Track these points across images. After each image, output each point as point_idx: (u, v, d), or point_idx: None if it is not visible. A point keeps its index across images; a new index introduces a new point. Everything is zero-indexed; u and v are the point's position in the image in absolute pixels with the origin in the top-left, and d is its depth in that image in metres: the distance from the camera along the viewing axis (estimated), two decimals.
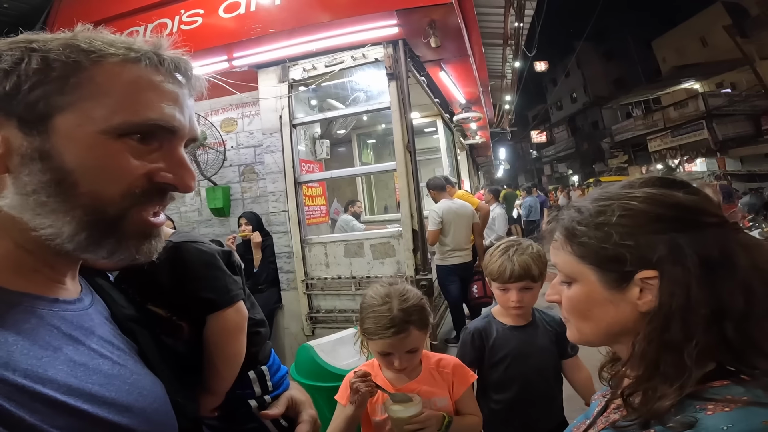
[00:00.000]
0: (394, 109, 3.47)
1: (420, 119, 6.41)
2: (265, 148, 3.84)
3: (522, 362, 1.50)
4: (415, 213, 3.41)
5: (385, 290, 1.22)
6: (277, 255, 3.83)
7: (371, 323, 1.18)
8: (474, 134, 9.65)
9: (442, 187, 4.36)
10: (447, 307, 4.67)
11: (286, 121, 3.71)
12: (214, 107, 4.18)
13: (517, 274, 1.42)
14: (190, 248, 0.92)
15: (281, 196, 3.79)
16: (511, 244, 1.51)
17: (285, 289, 3.83)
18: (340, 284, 3.59)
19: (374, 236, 3.58)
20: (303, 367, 2.40)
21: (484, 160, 14.47)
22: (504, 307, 1.51)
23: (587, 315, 0.66)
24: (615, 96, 25.16)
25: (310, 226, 3.96)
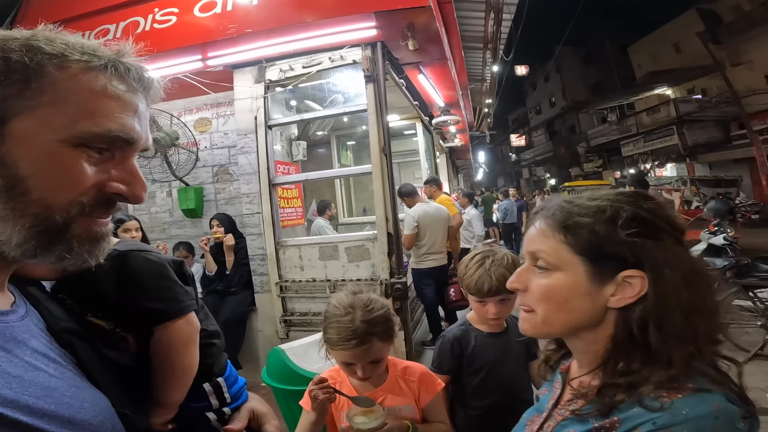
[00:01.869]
0: (370, 111, 3.48)
1: (399, 121, 6.43)
2: (239, 149, 3.80)
3: (500, 370, 1.52)
4: (390, 216, 3.42)
5: (348, 300, 1.21)
6: (251, 257, 3.79)
7: (333, 333, 1.17)
8: (453, 137, 9.73)
9: (414, 193, 4.40)
10: (423, 310, 4.70)
11: (261, 121, 3.68)
12: (187, 107, 4.11)
13: (496, 289, 1.40)
14: (137, 257, 0.89)
15: (255, 197, 3.75)
16: (486, 254, 1.49)
17: (258, 292, 3.79)
18: (314, 287, 3.57)
19: (349, 239, 3.57)
20: (274, 371, 2.37)
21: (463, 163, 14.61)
22: (481, 318, 1.52)
23: (563, 305, 0.67)
24: (592, 101, 25.75)
25: (285, 229, 3.93)
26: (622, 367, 0.63)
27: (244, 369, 3.49)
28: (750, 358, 3.56)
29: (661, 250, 0.63)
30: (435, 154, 8.21)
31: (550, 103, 32.82)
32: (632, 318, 0.62)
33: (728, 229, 5.16)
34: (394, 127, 6.49)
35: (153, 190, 4.24)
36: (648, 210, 0.66)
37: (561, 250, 0.68)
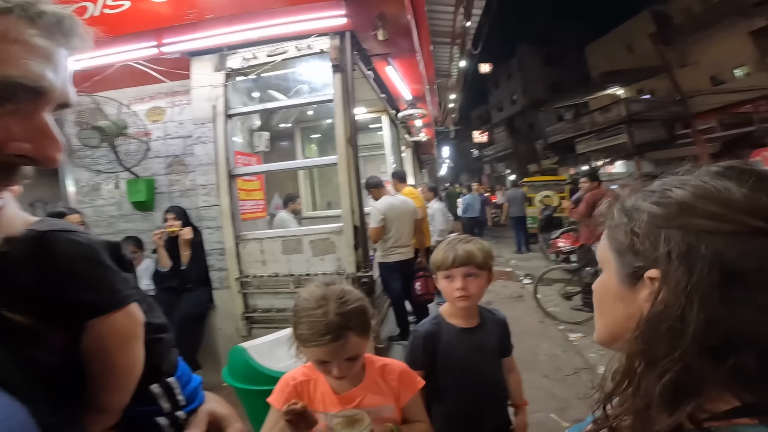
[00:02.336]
0: (337, 101, 3.38)
1: (365, 114, 6.34)
2: (195, 139, 3.61)
3: (474, 366, 1.49)
4: (356, 208, 3.34)
5: (320, 291, 1.11)
6: (208, 252, 3.60)
7: (305, 329, 1.08)
8: (419, 131, 9.76)
9: (380, 185, 4.35)
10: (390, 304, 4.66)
11: (220, 110, 3.52)
12: (139, 95, 3.87)
13: (460, 259, 1.42)
14: (61, 239, 0.73)
15: (213, 189, 3.58)
16: (456, 237, 1.52)
17: (217, 288, 3.60)
18: (277, 282, 3.43)
19: (314, 232, 3.46)
20: (236, 371, 2.26)
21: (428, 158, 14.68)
22: (450, 298, 1.48)
23: (600, 308, 0.62)
24: (550, 99, 26.48)
25: (246, 222, 3.77)
26: (625, 395, 0.51)
27: (205, 369, 3.33)
28: None
29: (678, 240, 0.49)
30: (401, 148, 8.20)
31: (511, 101, 33.67)
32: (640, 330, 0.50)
33: None
34: (360, 120, 6.40)
35: (98, 182, 3.95)
36: (691, 189, 0.52)
37: (603, 245, 0.61)
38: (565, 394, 3.04)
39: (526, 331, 4.45)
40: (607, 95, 21.92)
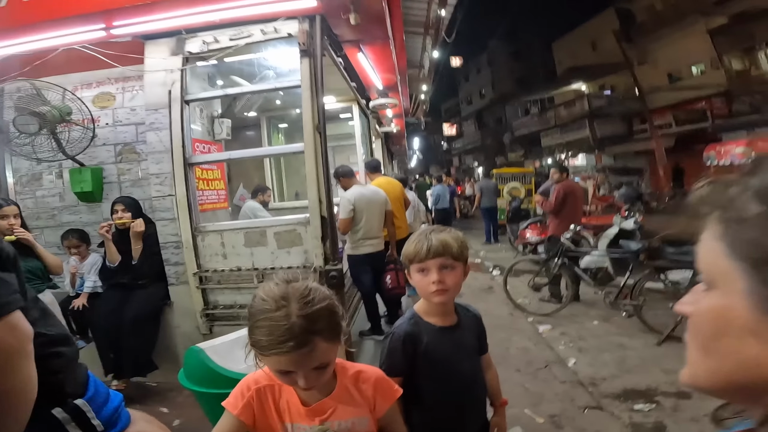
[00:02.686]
0: (305, 87, 3.17)
1: (335, 104, 6.12)
2: (148, 126, 3.33)
3: (457, 366, 1.37)
4: (323, 198, 3.13)
5: (280, 290, 0.93)
6: (163, 245, 3.31)
7: (263, 334, 0.90)
8: (390, 122, 9.60)
9: (350, 174, 4.16)
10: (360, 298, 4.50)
11: (176, 96, 3.26)
12: (86, 81, 3.60)
13: (435, 249, 1.29)
14: None
15: (167, 178, 3.29)
16: (429, 228, 1.39)
17: (173, 284, 3.33)
18: (239, 277, 3.19)
19: (279, 223, 3.23)
20: (193, 373, 2.12)
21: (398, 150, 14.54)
22: (425, 293, 1.33)
23: (707, 344, 0.42)
24: (518, 94, 26.96)
25: (205, 213, 3.50)
26: None
27: (163, 370, 3.10)
28: (663, 340, 3.74)
29: None
30: (371, 138, 7.99)
31: (480, 95, 34.12)
32: None
33: (637, 214, 5.51)
34: (330, 109, 6.20)
35: (39, 171, 3.60)
36: None
37: (714, 252, 0.41)
38: (538, 389, 2.98)
39: (497, 324, 4.40)
40: (571, 90, 22.45)
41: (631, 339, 3.91)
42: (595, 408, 2.73)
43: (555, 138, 22.37)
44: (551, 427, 2.54)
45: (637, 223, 5.23)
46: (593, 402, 2.81)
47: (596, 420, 2.60)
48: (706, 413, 2.61)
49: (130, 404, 3.02)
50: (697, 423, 2.55)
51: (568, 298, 4.70)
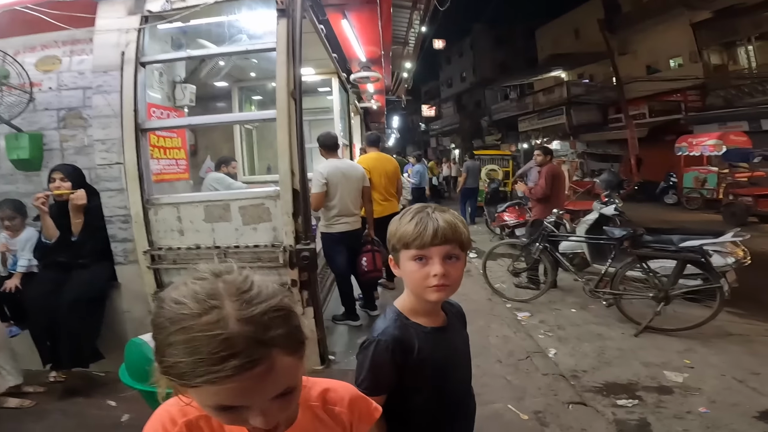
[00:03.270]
0: (280, 50, 2.78)
1: (314, 76, 5.72)
2: (96, 89, 2.92)
3: (451, 375, 1.11)
4: (296, 170, 2.78)
5: (205, 286, 0.59)
6: (109, 219, 2.90)
7: (184, 354, 0.54)
8: (370, 98, 9.20)
9: (334, 147, 3.77)
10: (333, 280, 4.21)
11: (131, 57, 2.88)
12: (29, 44, 3.25)
13: (443, 233, 0.98)
14: None
15: (115, 144, 2.88)
16: (424, 205, 1.06)
17: (121, 263, 2.93)
18: (198, 255, 2.82)
19: (244, 197, 2.86)
20: (135, 368, 1.89)
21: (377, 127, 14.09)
22: (419, 287, 1.02)
23: None
24: (498, 78, 26.81)
25: (161, 184, 3.10)
26: None
27: (109, 360, 2.75)
28: (641, 330, 3.63)
29: None
30: (350, 114, 7.58)
31: (461, 78, 34.12)
32: None
33: (617, 200, 5.39)
34: (308, 82, 5.84)
35: None
36: None
37: None
38: (520, 382, 2.79)
39: (476, 309, 4.20)
40: (551, 77, 22.47)
41: (609, 329, 3.78)
42: (578, 403, 2.55)
43: (532, 123, 22.43)
44: (536, 424, 2.35)
45: (618, 210, 5.10)
46: (576, 397, 2.63)
47: (581, 416, 2.42)
48: (689, 410, 2.51)
49: (74, 397, 2.61)
50: (680, 420, 2.42)
51: (548, 284, 4.54)
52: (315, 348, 2.98)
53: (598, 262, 4.88)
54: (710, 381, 2.82)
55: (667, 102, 15.89)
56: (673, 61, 16.74)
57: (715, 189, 10.59)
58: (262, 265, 2.80)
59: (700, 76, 14.90)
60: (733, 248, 4.08)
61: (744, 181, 9.70)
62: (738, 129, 11.83)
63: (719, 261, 3.77)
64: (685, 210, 11.52)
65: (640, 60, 17.67)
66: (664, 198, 12.91)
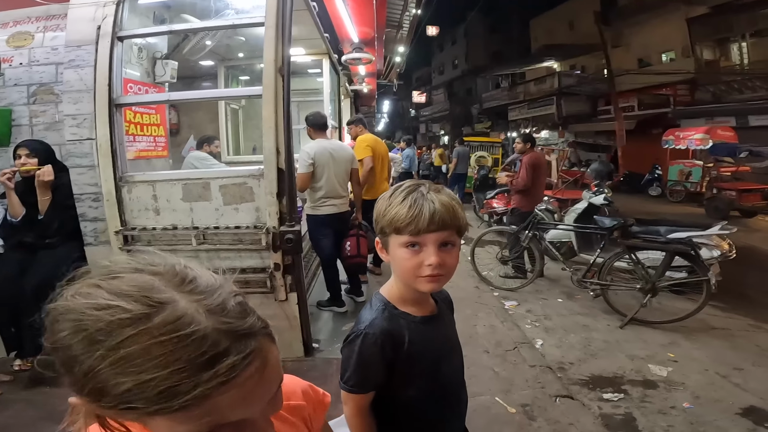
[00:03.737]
0: (269, 25, 2.59)
1: (304, 57, 5.46)
2: (67, 63, 2.71)
3: (443, 368, 1.00)
4: (282, 149, 2.60)
5: (135, 283, 0.43)
6: (78, 197, 2.70)
7: (152, 370, 0.39)
8: (361, 81, 8.96)
9: (323, 126, 3.59)
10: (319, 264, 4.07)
11: (107, 31, 2.67)
12: (1, 21, 3.11)
13: (440, 218, 0.87)
14: None
15: (86, 120, 2.68)
16: (418, 183, 0.94)
17: (91, 244, 2.74)
18: (175, 237, 2.65)
19: (226, 175, 2.68)
20: None
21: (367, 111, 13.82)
22: (410, 276, 0.91)
23: None
24: (490, 67, 26.61)
25: (137, 161, 2.91)
26: None
27: None
28: (626, 322, 3.58)
29: None
30: (340, 97, 7.35)
31: (453, 66, 33.83)
32: None
33: (607, 190, 5.34)
34: (299, 62, 5.60)
35: None
36: None
37: None
38: (508, 374, 2.71)
39: (464, 297, 4.11)
40: (543, 67, 22.33)
41: (595, 320, 3.73)
42: (565, 397, 2.49)
43: (522, 112, 22.35)
44: (524, 418, 2.28)
45: (607, 200, 5.04)
46: (563, 390, 2.57)
47: (568, 410, 2.36)
48: (674, 405, 2.47)
49: (39, 386, 2.42)
50: (665, 416, 2.38)
51: (536, 273, 4.47)
52: (298, 336, 2.86)
53: (585, 251, 4.83)
54: (694, 376, 2.78)
55: (657, 95, 15.90)
56: (665, 56, 16.70)
57: (698, 182, 10.67)
58: (243, 248, 2.64)
59: (691, 71, 14.89)
60: (719, 241, 4.06)
61: (728, 175, 9.78)
62: (725, 124, 11.89)
63: (705, 254, 3.73)
64: (668, 202, 11.61)
65: (632, 53, 17.61)
66: (648, 190, 13.01)
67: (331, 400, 0.80)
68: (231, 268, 2.69)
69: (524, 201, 4.85)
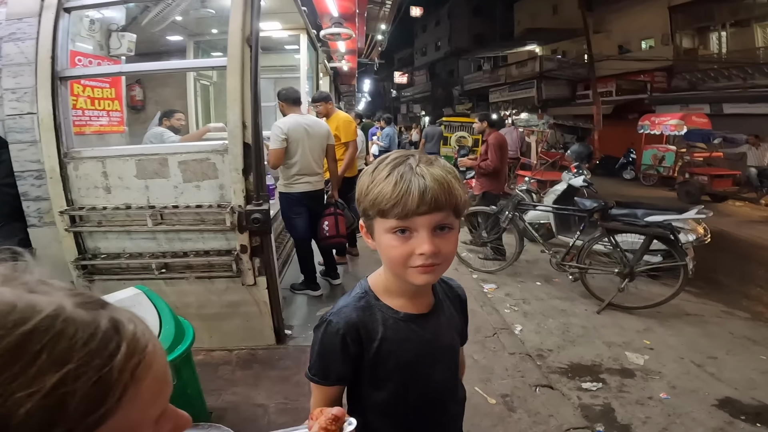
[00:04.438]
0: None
1: (281, 31, 5.14)
2: (8, 37, 2.41)
3: (423, 373, 0.85)
4: (249, 122, 2.36)
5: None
6: (20, 175, 2.40)
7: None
8: (341, 58, 8.60)
9: (296, 101, 3.33)
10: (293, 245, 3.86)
11: (51, 2, 2.38)
12: None
13: (434, 197, 0.70)
14: None
15: (27, 94, 2.38)
16: (406, 153, 0.76)
17: (35, 225, 2.45)
18: (129, 217, 2.39)
19: (185, 150, 2.41)
20: None
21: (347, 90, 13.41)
22: (399, 266, 0.75)
23: None
24: (473, 49, 26.42)
25: (88, 137, 2.64)
26: None
27: None
28: (603, 307, 3.51)
29: None
30: (318, 74, 7.00)
31: (435, 47, 33.37)
32: None
33: (586, 172, 5.26)
34: (275, 38, 5.33)
35: None
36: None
37: None
38: (488, 362, 2.60)
39: None
40: (525, 51, 22.23)
41: (572, 304, 3.66)
42: (545, 386, 2.39)
43: (503, 95, 22.29)
44: (504, 409, 2.17)
45: (586, 181, 4.97)
46: (543, 379, 2.47)
47: (548, 401, 2.26)
48: (651, 396, 2.40)
49: None
50: (642, 407, 2.31)
51: (515, 255, 4.35)
52: (269, 322, 2.67)
53: (563, 233, 4.76)
54: (670, 364, 2.73)
55: (635, 81, 15.99)
56: (645, 43, 16.77)
57: (671, 167, 10.80)
58: (206, 228, 2.41)
59: (669, 58, 14.98)
60: (695, 225, 4.03)
61: (700, 160, 9.92)
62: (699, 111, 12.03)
63: (681, 238, 3.68)
64: (641, 186, 11.76)
65: (612, 39, 17.61)
66: (622, 173, 13.17)
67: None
68: (193, 250, 2.46)
69: (494, 183, 4.70)
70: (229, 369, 2.47)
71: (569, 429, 2.03)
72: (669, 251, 3.56)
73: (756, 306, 3.71)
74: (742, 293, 4.03)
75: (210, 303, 2.55)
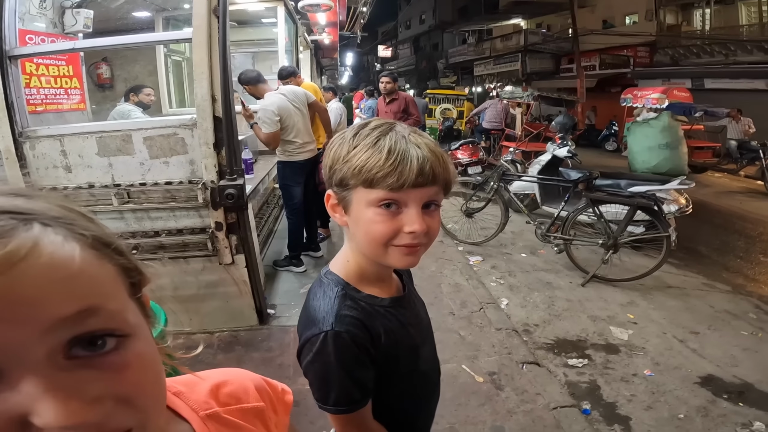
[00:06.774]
0: None
1: (257, 4, 4.81)
2: None
3: (421, 353, 0.79)
4: (218, 95, 2.16)
5: None
6: None
7: None
8: (321, 31, 8.17)
9: (260, 80, 3.17)
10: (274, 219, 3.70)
11: None
12: None
13: (432, 168, 0.62)
14: None
15: None
16: (389, 122, 0.66)
17: None
18: (93, 196, 2.21)
19: (151, 126, 2.21)
20: None
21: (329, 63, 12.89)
22: (378, 245, 0.65)
23: None
24: (458, 22, 25.72)
25: (45, 114, 2.41)
26: None
27: None
28: (588, 280, 3.46)
29: None
30: (298, 48, 6.63)
31: (420, 20, 32.42)
32: None
33: (570, 143, 5.17)
34: (251, 11, 5.03)
35: None
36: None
37: None
38: (474, 338, 2.53)
39: (428, 253, 3.82)
40: (510, 25, 21.77)
41: (557, 276, 3.62)
42: (532, 363, 2.33)
43: (487, 68, 21.94)
44: (491, 387, 2.11)
45: (571, 152, 4.88)
46: (530, 356, 2.41)
47: (534, 379, 2.20)
48: (635, 372, 2.38)
49: None
50: (627, 384, 2.28)
51: (500, 226, 4.24)
52: (250, 302, 2.55)
53: (548, 204, 4.68)
54: (653, 339, 2.70)
55: (618, 56, 15.85)
56: (629, 18, 16.55)
57: None
58: (177, 206, 2.25)
59: (652, 34, 14.81)
60: (677, 196, 3.98)
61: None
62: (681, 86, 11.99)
63: (664, 209, 3.63)
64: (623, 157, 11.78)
65: (597, 14, 17.31)
66: (605, 145, 13.25)
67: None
68: (165, 229, 2.29)
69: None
70: (210, 352, 2.35)
71: (556, 407, 1.99)
72: (652, 222, 3.50)
73: (736, 278, 3.70)
74: (722, 265, 4.01)
75: (186, 284, 2.40)
